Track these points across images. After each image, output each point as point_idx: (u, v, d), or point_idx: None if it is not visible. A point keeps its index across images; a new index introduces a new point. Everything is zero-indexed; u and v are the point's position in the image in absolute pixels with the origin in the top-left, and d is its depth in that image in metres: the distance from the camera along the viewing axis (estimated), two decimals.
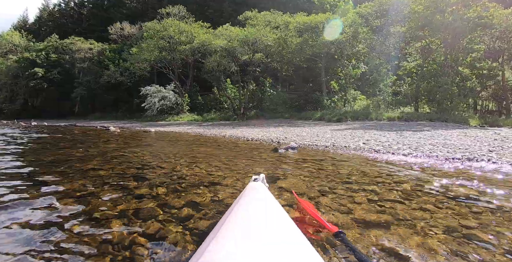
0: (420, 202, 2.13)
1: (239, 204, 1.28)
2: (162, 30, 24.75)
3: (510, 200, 2.19)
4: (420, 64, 16.67)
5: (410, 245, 1.44)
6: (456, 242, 1.47)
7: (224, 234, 0.94)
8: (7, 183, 2.59)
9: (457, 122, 11.34)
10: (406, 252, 1.36)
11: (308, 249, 0.87)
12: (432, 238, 1.52)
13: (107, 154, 4.92)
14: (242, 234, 0.93)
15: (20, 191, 2.34)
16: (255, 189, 1.49)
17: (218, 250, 0.82)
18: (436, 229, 1.63)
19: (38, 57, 40.40)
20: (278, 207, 1.29)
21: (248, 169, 3.45)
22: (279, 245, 0.85)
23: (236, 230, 0.98)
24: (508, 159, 3.86)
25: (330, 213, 1.87)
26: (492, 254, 1.35)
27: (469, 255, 1.33)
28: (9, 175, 3.01)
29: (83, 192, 2.35)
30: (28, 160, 4.27)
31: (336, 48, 19.22)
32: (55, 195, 2.23)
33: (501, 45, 16.38)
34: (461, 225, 1.69)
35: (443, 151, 4.69)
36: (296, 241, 0.93)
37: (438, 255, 1.34)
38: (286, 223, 1.09)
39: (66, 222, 1.71)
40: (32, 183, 2.67)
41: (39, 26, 63.27)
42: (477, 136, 6.63)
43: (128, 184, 2.65)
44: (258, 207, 1.25)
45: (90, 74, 37.10)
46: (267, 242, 0.86)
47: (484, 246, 1.43)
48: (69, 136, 10.26)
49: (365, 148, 5.42)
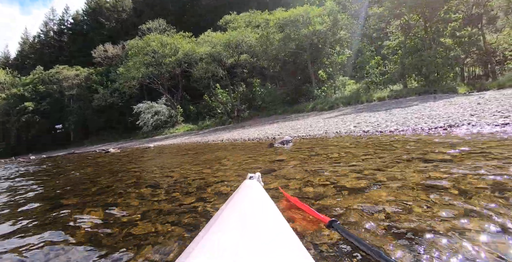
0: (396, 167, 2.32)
1: (233, 201, 1.29)
2: (145, 46, 24.96)
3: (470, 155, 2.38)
4: (402, 41, 16.85)
5: (383, 200, 1.64)
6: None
7: (216, 230, 0.96)
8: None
9: (446, 92, 11.54)
10: (380, 205, 1.60)
11: (298, 248, 0.88)
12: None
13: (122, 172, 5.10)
14: (234, 231, 0.94)
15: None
16: (249, 187, 1.51)
17: (210, 245, 0.84)
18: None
19: (26, 91, 40.58)
20: (272, 205, 1.29)
21: (246, 167, 3.63)
22: (269, 243, 0.88)
23: (228, 226, 1.00)
24: (487, 120, 4.06)
25: (319, 188, 2.06)
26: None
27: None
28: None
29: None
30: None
31: (318, 38, 19.42)
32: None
33: (478, 11, 16.60)
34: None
35: (427, 122, 4.89)
36: (286, 239, 0.93)
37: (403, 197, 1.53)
38: (278, 222, 1.09)
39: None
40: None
41: (21, 60, 63.29)
42: (462, 103, 6.83)
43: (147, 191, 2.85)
44: (251, 204, 1.26)
45: (80, 100, 37.30)
46: (257, 239, 0.88)
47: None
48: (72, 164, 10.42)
49: (355, 131, 5.62)
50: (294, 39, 19.28)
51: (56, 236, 1.91)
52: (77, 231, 1.96)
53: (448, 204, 1.53)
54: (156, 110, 25.98)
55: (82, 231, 1.96)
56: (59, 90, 40.02)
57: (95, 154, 15.46)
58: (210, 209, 2.04)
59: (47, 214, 2.54)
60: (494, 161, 2.18)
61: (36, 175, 7.17)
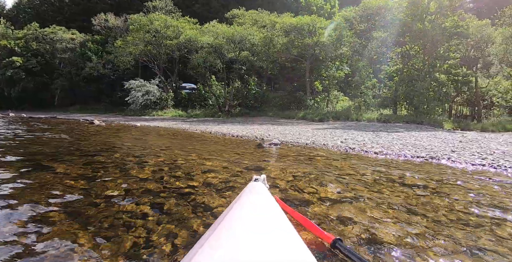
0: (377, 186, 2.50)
1: (237, 204, 1.27)
2: (148, 23, 24.57)
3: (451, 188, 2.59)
4: (400, 69, 17.41)
5: (361, 216, 1.79)
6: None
7: (222, 231, 0.95)
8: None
9: (432, 125, 12.02)
10: (359, 219, 1.72)
11: (305, 253, 0.87)
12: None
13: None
14: (239, 234, 0.93)
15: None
16: (254, 189, 1.48)
17: (214, 249, 0.82)
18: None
19: (17, 45, 38.93)
20: (277, 208, 1.27)
21: (237, 162, 3.74)
22: (275, 245, 0.87)
23: (234, 228, 0.99)
24: (466, 158, 4.34)
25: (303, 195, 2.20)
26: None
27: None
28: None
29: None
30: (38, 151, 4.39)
31: (320, 50, 19.75)
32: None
33: (476, 54, 17.36)
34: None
35: (411, 150, 5.15)
36: (293, 243, 0.92)
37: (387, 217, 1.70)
38: (283, 224, 1.08)
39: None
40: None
41: (17, 12, 60.67)
42: (445, 138, 7.19)
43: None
44: (257, 206, 1.25)
45: (71, 66, 36.15)
46: (263, 241, 0.87)
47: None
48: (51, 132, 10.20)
49: (342, 146, 5.83)
50: (297, 46, 19.56)
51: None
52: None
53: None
54: (148, 90, 25.57)
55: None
56: (51, 51, 38.64)
57: (78, 123, 15.14)
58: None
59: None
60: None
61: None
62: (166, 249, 1.40)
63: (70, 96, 37.18)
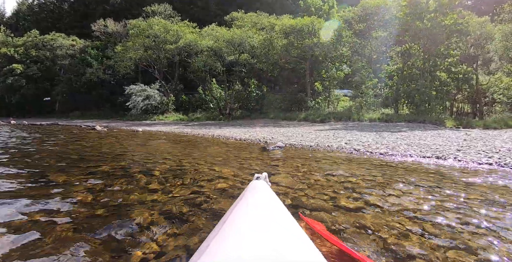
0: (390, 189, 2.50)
1: (241, 202, 1.29)
2: (148, 28, 24.66)
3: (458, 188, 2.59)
4: (400, 67, 17.39)
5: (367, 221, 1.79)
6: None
7: (227, 232, 0.95)
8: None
9: (434, 123, 11.99)
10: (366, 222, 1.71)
11: (311, 248, 0.89)
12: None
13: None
14: (245, 233, 0.93)
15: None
16: (257, 188, 1.50)
17: (221, 248, 0.83)
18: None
19: (17, 53, 39.11)
20: (281, 206, 1.29)
21: (246, 168, 3.74)
22: (281, 241, 0.87)
23: (238, 228, 0.99)
24: (472, 157, 4.32)
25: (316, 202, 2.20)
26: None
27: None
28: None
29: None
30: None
31: (320, 51, 19.76)
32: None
33: (475, 51, 17.36)
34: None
35: (416, 150, 5.14)
36: (299, 239, 0.94)
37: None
38: (287, 221, 1.10)
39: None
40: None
41: (17, 20, 60.99)
42: (449, 137, 7.17)
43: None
44: (260, 205, 1.25)
45: (71, 72, 36.24)
46: (269, 239, 0.87)
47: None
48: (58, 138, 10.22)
49: (346, 147, 5.82)
50: (297, 48, 19.57)
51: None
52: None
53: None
54: (148, 94, 25.60)
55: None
56: (51, 58, 38.80)
57: (80, 129, 15.17)
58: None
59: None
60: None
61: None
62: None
63: (70, 102, 37.22)
